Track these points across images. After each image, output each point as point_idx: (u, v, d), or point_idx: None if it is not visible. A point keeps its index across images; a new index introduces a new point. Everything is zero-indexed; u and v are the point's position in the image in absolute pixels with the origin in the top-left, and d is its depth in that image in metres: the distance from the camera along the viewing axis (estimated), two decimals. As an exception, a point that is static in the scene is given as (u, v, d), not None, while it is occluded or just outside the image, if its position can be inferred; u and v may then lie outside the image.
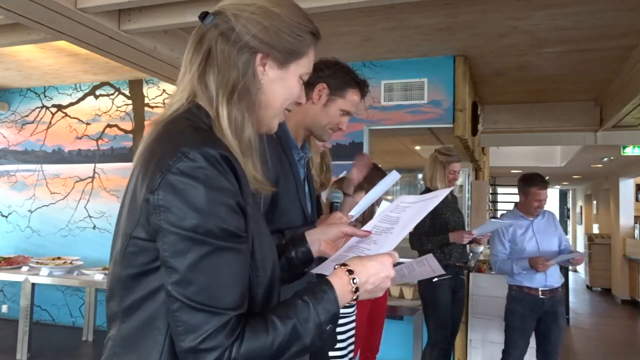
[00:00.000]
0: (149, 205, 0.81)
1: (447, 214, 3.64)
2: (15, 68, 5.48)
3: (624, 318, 8.29)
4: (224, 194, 0.81)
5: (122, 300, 0.87)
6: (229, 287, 0.80)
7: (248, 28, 0.91)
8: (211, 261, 0.79)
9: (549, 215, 3.52)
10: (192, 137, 0.84)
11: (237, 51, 0.91)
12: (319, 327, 0.85)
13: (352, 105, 1.68)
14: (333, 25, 3.98)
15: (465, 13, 3.70)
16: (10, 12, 3.19)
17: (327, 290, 0.88)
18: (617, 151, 7.40)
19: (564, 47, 4.33)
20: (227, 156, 0.82)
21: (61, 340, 5.34)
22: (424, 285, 3.66)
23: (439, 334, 3.58)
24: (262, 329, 0.81)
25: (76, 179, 5.97)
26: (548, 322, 3.34)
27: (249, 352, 0.79)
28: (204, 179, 0.79)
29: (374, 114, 4.85)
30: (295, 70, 0.98)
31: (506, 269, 3.38)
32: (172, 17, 3.46)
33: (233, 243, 0.81)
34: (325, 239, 1.13)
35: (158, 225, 0.80)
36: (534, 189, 3.37)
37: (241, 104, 0.90)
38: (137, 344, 0.85)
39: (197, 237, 0.78)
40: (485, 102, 6.13)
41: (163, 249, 0.80)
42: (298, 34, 0.96)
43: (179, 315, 0.79)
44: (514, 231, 3.42)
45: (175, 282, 0.79)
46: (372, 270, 0.93)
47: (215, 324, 0.78)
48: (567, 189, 17.04)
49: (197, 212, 0.78)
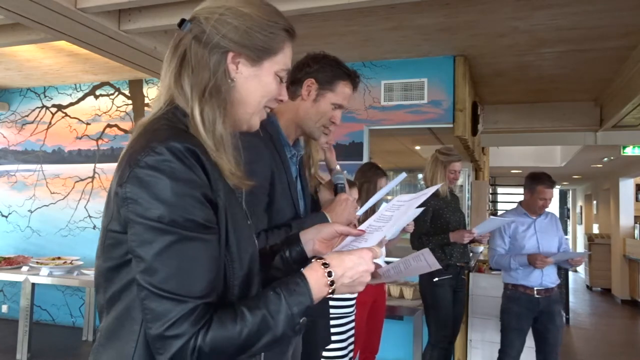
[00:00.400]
0: (118, 198, 0.85)
1: (447, 214, 3.64)
2: (15, 68, 5.48)
3: (624, 318, 8.29)
4: (189, 185, 0.83)
5: (106, 292, 0.90)
6: (195, 276, 0.82)
7: (218, 29, 0.94)
8: (176, 250, 0.81)
9: (552, 216, 3.53)
10: (163, 133, 0.88)
11: (208, 52, 0.94)
12: (290, 318, 0.86)
13: (343, 98, 1.64)
14: (333, 25, 3.97)
15: (465, 13, 3.70)
16: (10, 12, 3.19)
17: (300, 282, 0.89)
18: (617, 151, 7.40)
19: (564, 47, 4.33)
20: (193, 149, 0.85)
21: (61, 340, 5.34)
22: (424, 285, 3.66)
23: (440, 334, 3.58)
24: (230, 319, 0.82)
25: (76, 179, 5.97)
26: (545, 322, 3.34)
27: (215, 340, 0.80)
28: (168, 172, 0.82)
29: (374, 114, 4.85)
30: (269, 67, 1.00)
31: (503, 263, 3.38)
32: (172, 17, 3.46)
33: (199, 233, 0.83)
34: (319, 239, 1.14)
35: (127, 216, 0.84)
36: (541, 187, 3.37)
37: (212, 102, 0.93)
38: (117, 334, 0.88)
39: (162, 226, 0.81)
40: (485, 102, 6.14)
41: (131, 240, 0.83)
42: (270, 31, 0.98)
43: (147, 303, 0.81)
44: (516, 227, 3.43)
45: (142, 270, 0.81)
46: (350, 263, 0.93)
47: (180, 311, 0.80)
48: (567, 189, 17.05)
49: (162, 203, 0.81)
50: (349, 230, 1.11)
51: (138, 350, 0.86)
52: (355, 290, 0.96)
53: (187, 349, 0.80)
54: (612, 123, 5.74)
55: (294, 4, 3.20)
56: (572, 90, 5.75)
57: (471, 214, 6.75)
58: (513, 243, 3.42)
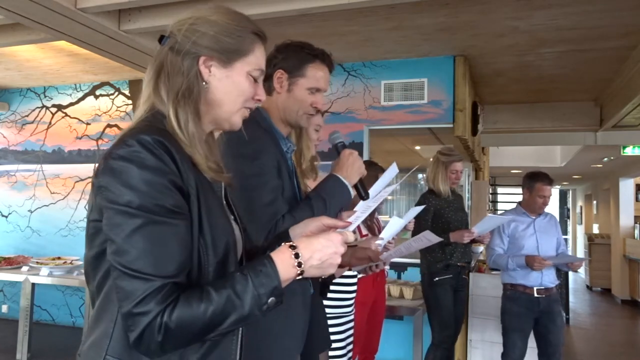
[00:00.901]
0: (94, 188, 0.93)
1: (449, 214, 3.64)
2: (15, 68, 5.48)
3: (624, 318, 8.29)
4: (157, 173, 0.90)
5: (94, 280, 0.98)
6: (162, 257, 0.88)
7: (188, 37, 1.03)
8: (144, 232, 0.87)
9: (551, 217, 3.52)
10: (136, 129, 0.95)
11: (181, 58, 1.02)
12: (257, 298, 0.90)
13: (316, 80, 1.59)
14: (333, 25, 3.97)
15: (465, 13, 3.70)
16: (10, 12, 3.19)
17: (267, 264, 0.93)
18: (617, 151, 7.40)
19: (564, 47, 4.33)
20: (161, 140, 0.92)
21: (61, 340, 5.34)
22: (426, 286, 3.67)
23: (443, 334, 3.58)
24: (196, 298, 0.87)
25: (76, 179, 5.97)
26: (546, 323, 3.33)
27: (181, 318, 0.85)
28: (137, 161, 0.89)
29: (374, 114, 4.85)
30: (240, 67, 1.06)
31: (501, 263, 3.37)
32: (172, 17, 3.41)
33: (166, 217, 0.89)
34: (308, 233, 1.16)
35: (100, 204, 0.91)
36: (539, 185, 3.36)
37: (184, 103, 1.00)
38: (101, 316, 0.95)
39: (131, 210, 0.87)
40: (485, 102, 6.14)
41: (104, 224, 0.90)
42: (238, 35, 1.05)
43: (118, 282, 0.87)
44: (515, 227, 3.42)
45: (113, 251, 0.88)
46: (318, 246, 0.97)
47: (147, 289, 0.85)
48: (567, 189, 17.04)
49: (131, 190, 0.88)
50: (335, 222, 1.14)
51: (116, 330, 0.92)
52: (326, 272, 1.00)
53: (154, 326, 0.84)
54: (612, 123, 5.74)
55: (294, 4, 3.20)
56: (572, 90, 5.74)
57: (471, 214, 6.75)
58: (512, 242, 3.42)
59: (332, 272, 1.00)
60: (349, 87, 4.94)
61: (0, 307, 6.03)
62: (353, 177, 1.57)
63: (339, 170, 1.57)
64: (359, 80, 4.92)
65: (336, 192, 1.54)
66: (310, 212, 1.47)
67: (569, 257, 3.38)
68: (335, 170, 1.58)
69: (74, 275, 4.66)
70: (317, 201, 1.50)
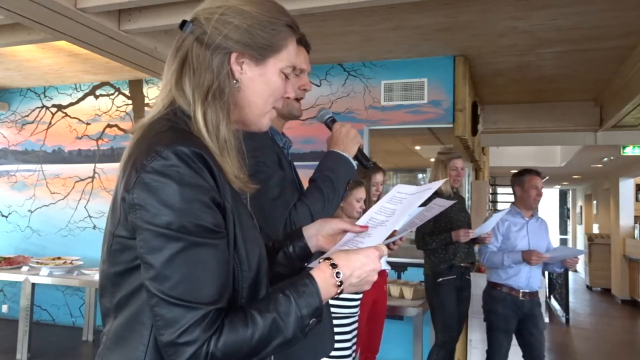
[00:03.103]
0: (125, 204, 0.84)
1: (451, 214, 3.64)
2: (15, 68, 5.48)
3: (624, 318, 8.29)
4: (197, 190, 0.82)
5: (113, 296, 0.90)
6: (205, 282, 0.82)
7: (219, 29, 0.93)
8: (186, 256, 0.80)
9: (542, 221, 3.52)
10: (167, 136, 0.86)
11: (210, 53, 0.93)
12: (300, 320, 0.86)
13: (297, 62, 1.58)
14: (333, 25, 3.97)
15: (465, 13, 3.71)
16: (10, 12, 3.19)
17: (309, 284, 0.88)
18: (617, 151, 7.40)
19: (564, 47, 4.33)
20: (200, 153, 0.84)
21: (61, 340, 5.34)
22: (429, 286, 3.66)
23: (447, 335, 3.58)
24: (241, 323, 0.82)
25: (76, 179, 5.97)
26: (529, 326, 3.35)
27: (228, 345, 0.81)
28: (176, 177, 0.81)
29: (374, 114, 4.85)
30: (274, 64, 0.98)
31: (496, 261, 3.35)
32: (172, 17, 3.46)
33: (208, 239, 0.83)
34: (322, 234, 1.13)
35: (134, 223, 0.83)
36: (529, 177, 3.37)
37: (216, 105, 0.92)
38: (125, 339, 0.88)
39: (171, 233, 0.80)
40: (485, 102, 6.13)
41: (140, 246, 0.82)
42: (272, 28, 0.96)
43: (157, 310, 0.81)
44: (509, 227, 3.42)
45: (152, 277, 0.81)
46: (357, 263, 0.93)
47: (191, 318, 0.79)
48: (567, 189, 17.04)
49: (170, 209, 0.80)
50: (350, 226, 1.11)
51: (149, 355, 0.86)
52: (362, 289, 0.96)
53: (199, 355, 0.79)
54: (612, 123, 5.74)
55: (294, 4, 3.20)
56: (572, 90, 5.74)
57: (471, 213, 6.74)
58: (505, 242, 3.42)
59: (368, 289, 0.97)
60: (349, 87, 4.94)
61: (0, 307, 6.03)
62: (351, 148, 1.52)
63: (335, 144, 1.53)
64: (359, 80, 4.92)
65: (339, 167, 1.49)
66: (320, 194, 1.44)
67: (567, 250, 3.36)
68: (332, 145, 1.54)
69: (74, 275, 4.66)
70: (324, 181, 1.46)
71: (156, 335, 0.82)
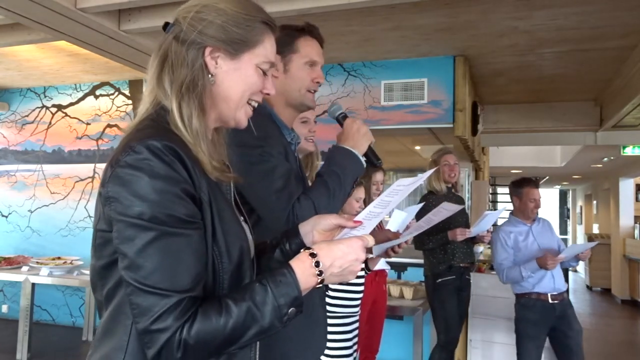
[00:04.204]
0: (102, 198, 0.88)
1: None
2: (15, 68, 5.48)
3: (624, 318, 8.29)
4: (169, 182, 0.85)
5: (102, 289, 0.93)
6: (178, 270, 0.84)
7: (194, 26, 0.97)
8: (158, 246, 0.83)
9: (544, 222, 3.49)
10: (143, 133, 0.89)
11: (186, 49, 0.96)
12: (277, 310, 0.87)
13: (309, 53, 1.51)
14: (333, 25, 3.97)
15: (465, 13, 3.71)
16: (10, 12, 3.19)
17: (287, 273, 0.89)
18: (617, 151, 7.39)
19: (564, 47, 4.33)
20: (171, 146, 0.86)
21: (61, 340, 5.34)
22: (429, 287, 3.67)
23: (449, 335, 3.58)
24: (215, 312, 0.84)
25: (76, 179, 5.97)
26: (563, 329, 3.23)
27: (201, 333, 0.82)
28: (147, 169, 0.84)
29: (374, 114, 4.84)
30: (249, 59, 1.00)
31: (515, 276, 3.25)
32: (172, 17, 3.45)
33: (180, 229, 0.85)
34: (318, 230, 1.12)
35: (109, 215, 0.86)
36: (527, 189, 3.35)
37: (188, 97, 0.95)
38: (111, 330, 0.91)
39: (143, 223, 0.83)
40: (485, 102, 6.13)
41: (115, 237, 0.85)
42: (247, 24, 0.99)
43: (133, 298, 0.83)
44: (516, 238, 3.36)
45: (126, 267, 0.83)
46: (339, 253, 0.93)
47: (164, 305, 0.82)
48: (567, 189, 17.04)
49: (142, 200, 0.83)
50: (345, 222, 1.10)
51: (131, 344, 0.88)
52: (346, 279, 0.96)
53: (172, 342, 0.81)
54: (612, 123, 5.74)
55: (294, 4, 3.20)
56: (572, 90, 5.74)
57: (471, 214, 6.75)
58: (516, 254, 3.34)
59: (352, 279, 0.97)
60: (349, 87, 4.94)
61: (0, 307, 6.03)
62: (362, 145, 1.49)
63: (345, 140, 1.49)
64: (359, 80, 4.92)
65: (347, 164, 1.45)
66: (325, 188, 1.40)
67: (578, 247, 3.34)
68: (342, 141, 1.50)
69: (74, 275, 4.66)
70: (331, 176, 1.43)
71: (134, 324, 0.85)
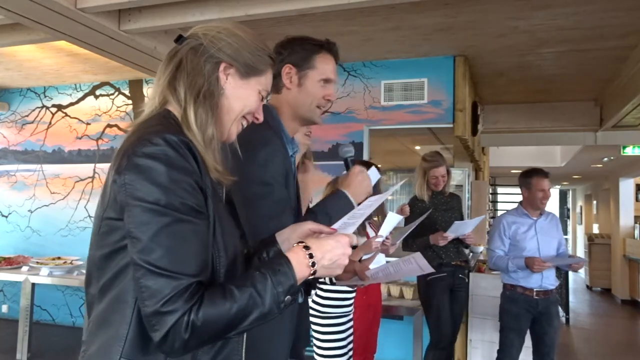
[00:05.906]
0: (116, 186, 0.92)
1: (436, 214, 3.65)
2: (15, 68, 5.48)
3: (624, 318, 8.29)
4: (183, 172, 0.91)
5: (98, 281, 0.97)
6: (188, 256, 0.90)
7: (214, 43, 1.07)
8: (172, 231, 0.88)
9: (552, 217, 3.50)
10: (157, 128, 0.96)
11: (204, 61, 1.05)
12: (276, 296, 0.93)
13: (326, 71, 1.54)
14: (333, 25, 3.98)
15: (465, 13, 3.71)
16: (10, 12, 3.19)
17: (284, 263, 0.96)
18: (617, 151, 7.40)
19: (564, 47, 4.33)
20: (186, 141, 0.94)
21: (61, 340, 5.34)
22: (421, 286, 3.67)
23: (440, 334, 3.58)
24: (220, 296, 0.89)
25: (76, 179, 5.97)
26: (543, 324, 3.33)
27: (207, 316, 0.87)
28: (165, 159, 0.90)
29: (374, 114, 4.85)
30: (255, 84, 1.11)
31: (501, 265, 3.36)
32: (172, 17, 3.46)
33: (192, 217, 0.91)
34: (295, 237, 1.18)
35: (124, 201, 0.90)
36: (535, 179, 3.36)
37: (206, 104, 1.03)
38: (109, 320, 0.94)
39: (159, 209, 0.88)
40: (485, 102, 6.14)
41: (128, 222, 0.89)
42: (258, 54, 1.11)
43: (143, 281, 0.87)
44: (516, 229, 3.41)
45: (139, 250, 0.88)
46: (328, 247, 1.01)
47: (175, 287, 0.86)
48: (567, 189, 17.04)
49: (159, 187, 0.88)
50: (321, 228, 1.17)
51: (131, 332, 0.92)
52: (334, 272, 1.03)
53: (181, 324, 0.85)
54: (612, 123, 5.74)
55: (294, 4, 3.20)
56: (572, 90, 5.75)
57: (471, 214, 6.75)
58: (513, 244, 3.40)
59: (339, 273, 1.04)
60: (349, 87, 4.94)
61: (0, 307, 6.03)
62: (360, 196, 1.55)
63: (347, 186, 1.55)
64: (359, 80, 4.92)
65: (342, 210, 1.49)
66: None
67: (569, 259, 3.37)
68: (344, 186, 1.55)
69: (74, 275, 4.66)
70: (323, 217, 1.47)
71: (141, 308, 0.88)
